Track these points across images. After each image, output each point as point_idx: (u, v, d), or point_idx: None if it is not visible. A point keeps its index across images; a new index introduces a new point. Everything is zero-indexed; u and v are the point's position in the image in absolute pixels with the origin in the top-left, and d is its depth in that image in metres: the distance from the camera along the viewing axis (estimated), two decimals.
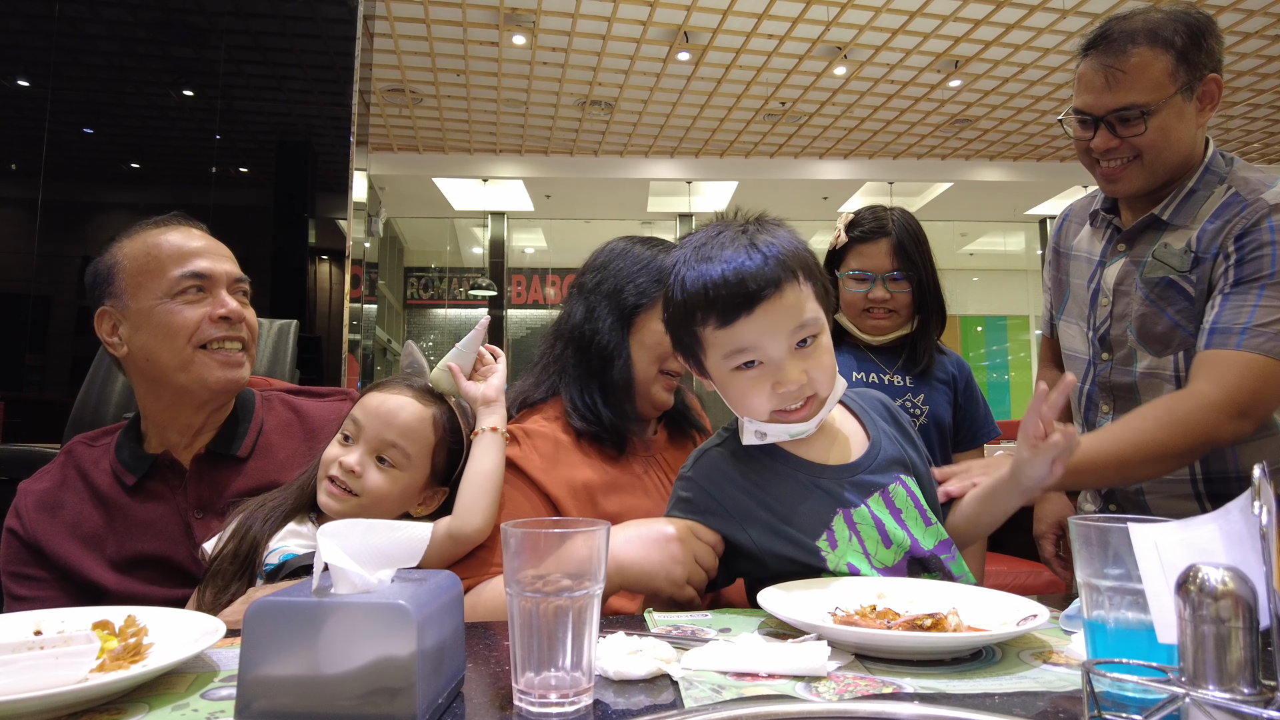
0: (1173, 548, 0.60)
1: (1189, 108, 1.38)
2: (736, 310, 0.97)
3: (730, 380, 1.01)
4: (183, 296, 1.25)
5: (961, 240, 12.19)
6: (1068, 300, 1.65)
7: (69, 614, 0.86)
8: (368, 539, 0.68)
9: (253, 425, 1.34)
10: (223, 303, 1.26)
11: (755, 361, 0.99)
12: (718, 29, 6.49)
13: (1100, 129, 1.40)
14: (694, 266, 1.01)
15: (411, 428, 1.15)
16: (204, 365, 1.24)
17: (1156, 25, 1.35)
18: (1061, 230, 1.70)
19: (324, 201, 4.27)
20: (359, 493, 1.12)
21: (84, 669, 0.69)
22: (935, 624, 0.82)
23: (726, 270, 0.98)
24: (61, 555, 1.21)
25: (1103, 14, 6.19)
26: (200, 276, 1.26)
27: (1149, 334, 1.45)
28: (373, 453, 1.14)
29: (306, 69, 4.31)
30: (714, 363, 1.02)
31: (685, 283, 1.01)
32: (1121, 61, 1.35)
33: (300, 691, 0.61)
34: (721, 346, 1.00)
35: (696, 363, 1.06)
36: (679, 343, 1.07)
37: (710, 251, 1.00)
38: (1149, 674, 0.57)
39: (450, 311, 12.45)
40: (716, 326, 0.99)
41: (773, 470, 1.06)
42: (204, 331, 1.24)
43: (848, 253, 1.77)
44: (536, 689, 0.66)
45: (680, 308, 1.02)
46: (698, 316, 1.00)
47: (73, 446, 1.32)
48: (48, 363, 3.95)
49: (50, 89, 3.95)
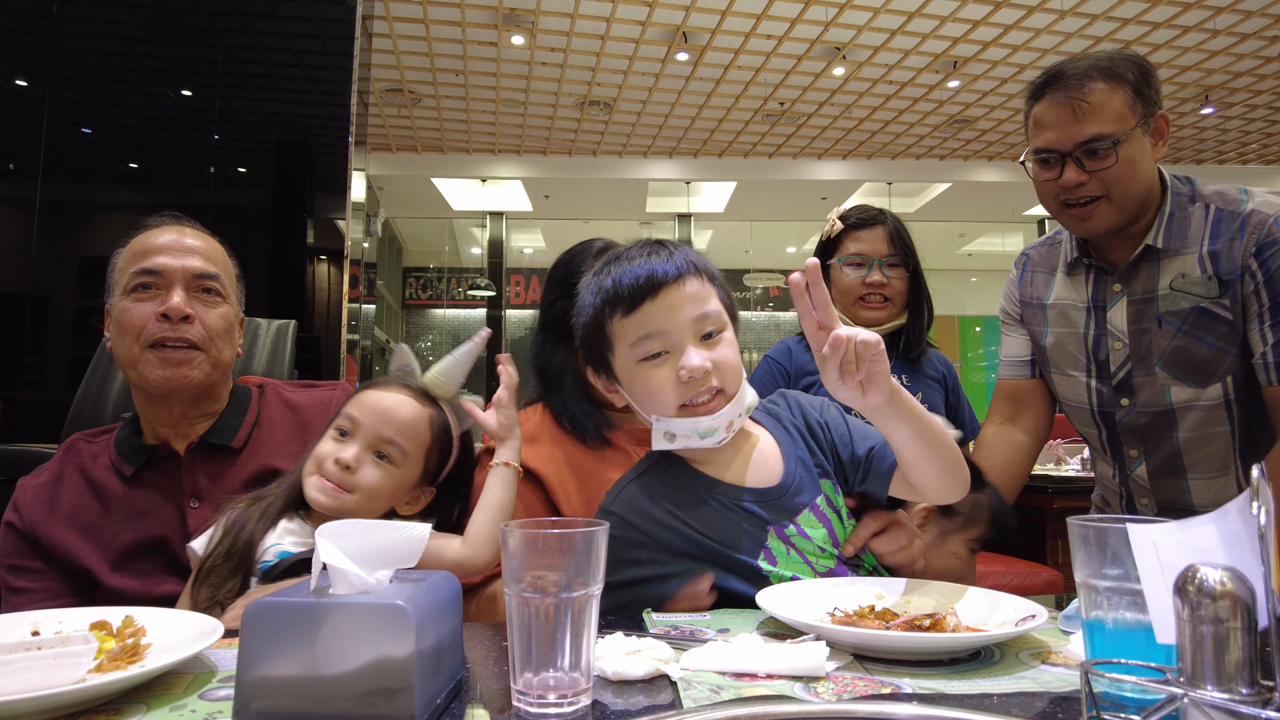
0: (1171, 548, 0.60)
1: (1146, 142, 1.41)
2: (642, 296, 0.99)
3: (637, 375, 1.01)
4: (135, 294, 1.25)
5: (960, 241, 12.20)
6: (1051, 353, 1.61)
7: (66, 614, 0.86)
8: (366, 539, 0.68)
9: (248, 418, 1.34)
10: (168, 300, 1.24)
11: (661, 353, 1.00)
12: (716, 29, 6.49)
13: (1068, 165, 1.40)
14: (605, 273, 1.04)
15: (409, 425, 1.16)
16: (147, 364, 1.23)
17: (1109, 63, 1.39)
18: (1024, 281, 1.66)
19: (322, 201, 4.27)
20: (353, 489, 1.12)
21: (81, 670, 0.69)
22: (934, 624, 0.82)
23: (635, 266, 1.01)
24: (59, 544, 1.22)
25: (1101, 14, 6.21)
26: (151, 273, 1.24)
27: (1188, 366, 1.43)
28: (370, 449, 1.14)
29: (305, 69, 4.30)
30: (622, 359, 1.03)
31: (596, 287, 1.05)
32: (1085, 94, 1.37)
33: (298, 692, 0.61)
34: (628, 335, 1.01)
35: (606, 369, 1.06)
36: (591, 354, 1.08)
37: (619, 260, 1.04)
38: (1147, 674, 0.57)
39: (449, 312, 12.44)
40: (624, 314, 1.01)
41: (695, 495, 1.04)
42: (149, 330, 1.23)
43: (843, 239, 1.78)
44: (535, 689, 0.66)
45: (591, 311, 1.05)
46: (606, 311, 1.02)
47: (74, 441, 1.33)
48: (46, 363, 3.94)
49: (48, 89, 3.94)
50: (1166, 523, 0.62)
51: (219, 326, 1.29)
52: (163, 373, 1.24)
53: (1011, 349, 1.70)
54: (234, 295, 1.36)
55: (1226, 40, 6.68)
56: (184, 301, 1.25)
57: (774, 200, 10.39)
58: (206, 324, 1.27)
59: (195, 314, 1.26)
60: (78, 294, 4.01)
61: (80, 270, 4.04)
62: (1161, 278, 1.45)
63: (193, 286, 1.27)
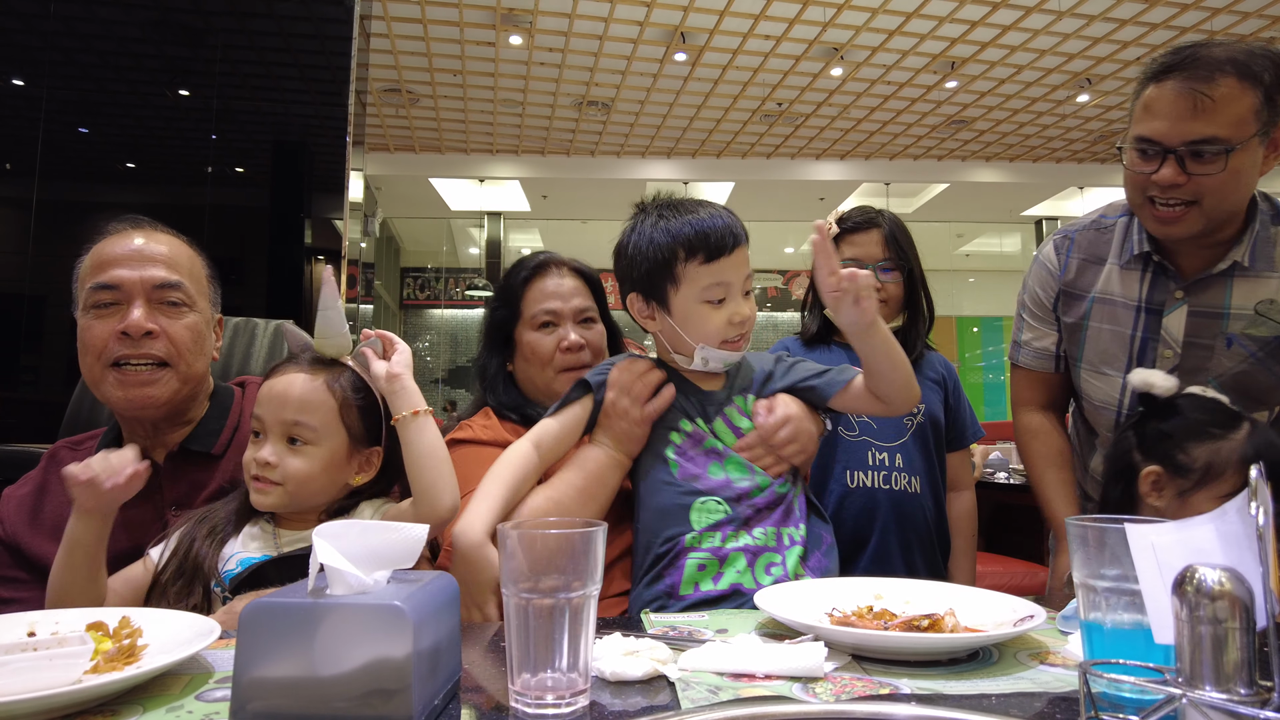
0: (1169, 548, 0.60)
1: (1259, 154, 1.28)
2: (722, 249, 1.16)
3: (696, 311, 1.18)
4: (95, 311, 1.18)
5: (957, 241, 12.22)
6: (1086, 347, 1.52)
7: (63, 615, 0.86)
8: (363, 540, 0.68)
9: (228, 423, 1.32)
10: (127, 316, 1.17)
11: (722, 299, 1.17)
12: (714, 30, 6.49)
13: (1168, 162, 1.27)
14: (674, 219, 1.18)
15: (306, 400, 1.11)
16: (110, 384, 1.18)
17: (1247, 58, 1.23)
18: (1069, 267, 1.53)
19: (320, 201, 4.26)
20: (281, 481, 1.10)
21: (78, 670, 0.68)
22: (932, 625, 0.82)
23: (715, 218, 1.17)
24: (42, 555, 1.19)
25: (1098, 15, 6.22)
26: (108, 289, 1.17)
27: (1246, 390, 1.36)
28: (281, 438, 1.11)
29: (303, 69, 4.30)
30: (685, 296, 1.17)
31: (669, 230, 1.17)
32: (1210, 88, 1.22)
33: (295, 693, 0.61)
34: (700, 280, 1.16)
35: (660, 299, 1.19)
36: (648, 284, 1.20)
37: (683, 212, 1.19)
38: (1146, 674, 0.57)
39: (447, 312, 12.44)
40: (703, 262, 1.16)
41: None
42: (110, 349, 1.17)
43: (839, 243, 1.76)
44: (533, 690, 0.66)
45: (660, 250, 1.17)
46: (681, 255, 1.16)
47: (56, 450, 1.31)
48: (42, 363, 3.93)
49: (45, 88, 3.93)
50: (1165, 523, 0.62)
51: (186, 339, 1.22)
52: (123, 394, 1.18)
53: (1038, 339, 1.59)
54: (204, 299, 1.29)
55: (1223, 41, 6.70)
56: (145, 316, 1.18)
57: (772, 200, 10.39)
58: (173, 337, 1.21)
59: (159, 328, 1.19)
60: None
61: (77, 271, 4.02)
62: (1234, 296, 1.37)
63: (155, 298, 1.20)
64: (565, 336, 1.43)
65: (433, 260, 12.53)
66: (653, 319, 1.22)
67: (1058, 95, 7.79)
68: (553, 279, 1.47)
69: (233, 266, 4.15)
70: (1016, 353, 1.65)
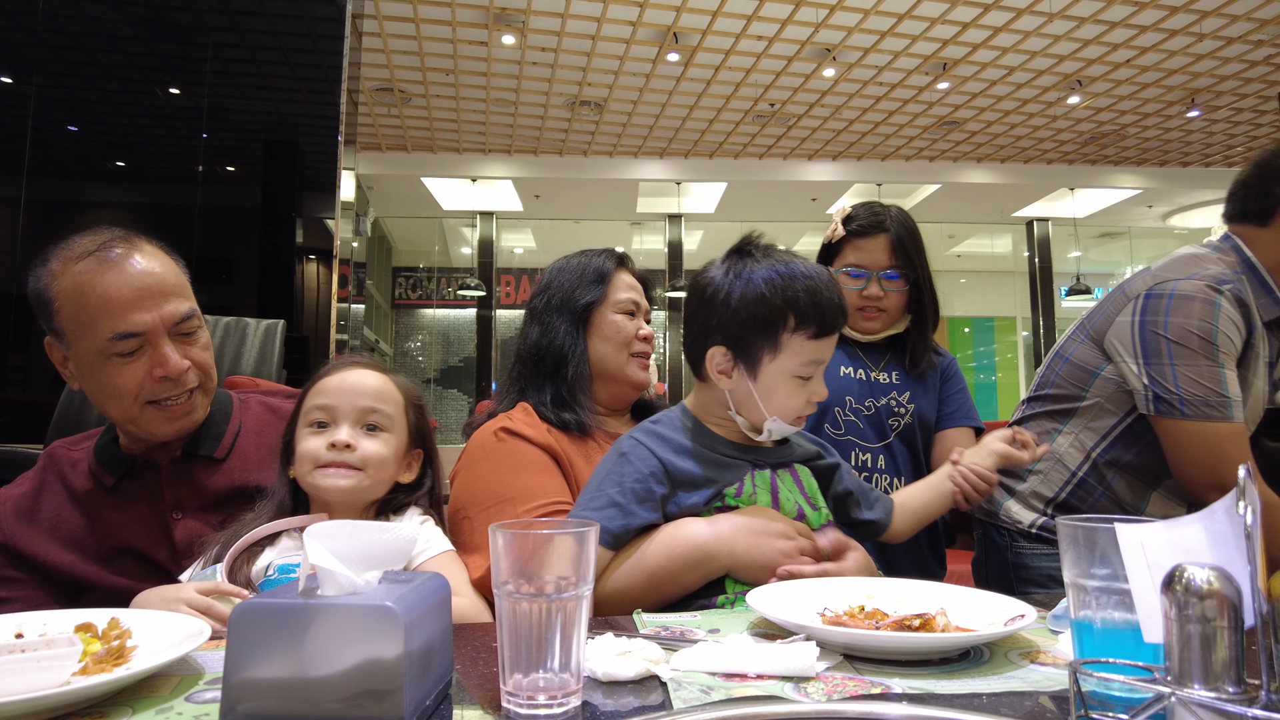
0: (1159, 548, 0.60)
1: None
2: (833, 326, 1.12)
3: (785, 385, 1.12)
4: (118, 358, 1.16)
5: (949, 242, 12.25)
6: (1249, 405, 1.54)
7: (51, 616, 0.85)
8: (355, 540, 0.68)
9: (230, 427, 1.32)
10: (163, 360, 1.18)
11: (810, 376, 1.13)
12: (707, 30, 6.49)
13: None
14: (786, 278, 1.11)
15: (382, 391, 1.18)
16: (151, 420, 1.20)
17: None
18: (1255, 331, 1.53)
19: (312, 201, 4.25)
20: (361, 465, 1.12)
21: (66, 672, 0.68)
22: (923, 624, 0.82)
23: (829, 289, 1.13)
24: (38, 555, 1.19)
25: (1089, 17, 6.25)
26: (133, 336, 1.16)
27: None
28: (358, 425, 1.15)
29: (294, 67, 4.28)
30: (780, 365, 1.12)
31: (781, 290, 1.10)
32: None
33: (286, 694, 0.61)
34: (803, 354, 1.11)
35: (750, 362, 1.13)
36: (741, 342, 1.13)
37: (795, 272, 1.12)
38: (1135, 673, 0.57)
39: (439, 311, 12.41)
40: (810, 337, 1.11)
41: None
42: (147, 390, 1.18)
43: (844, 247, 1.72)
44: (525, 690, 0.66)
45: (768, 309, 1.10)
46: (791, 322, 1.10)
47: (53, 450, 1.31)
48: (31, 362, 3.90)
49: (34, 86, 3.91)
50: (1154, 523, 0.63)
51: (209, 360, 1.27)
52: (169, 427, 1.22)
53: (1239, 390, 1.50)
54: (195, 302, 1.29)
55: (1212, 44, 6.74)
56: (178, 354, 1.20)
57: (764, 201, 10.40)
58: (200, 364, 1.24)
59: (191, 361, 1.22)
60: None
61: None
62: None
63: (174, 333, 1.21)
64: (642, 327, 1.47)
65: (425, 260, 12.50)
66: (729, 377, 1.15)
67: (1049, 97, 7.82)
68: (629, 273, 1.51)
69: (223, 266, 4.13)
70: (1230, 409, 1.46)
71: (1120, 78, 7.38)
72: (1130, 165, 9.98)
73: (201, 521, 1.22)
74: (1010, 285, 12.46)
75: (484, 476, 1.27)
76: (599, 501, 1.11)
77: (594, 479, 1.15)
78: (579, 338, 1.42)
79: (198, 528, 1.21)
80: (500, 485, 1.25)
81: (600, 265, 1.47)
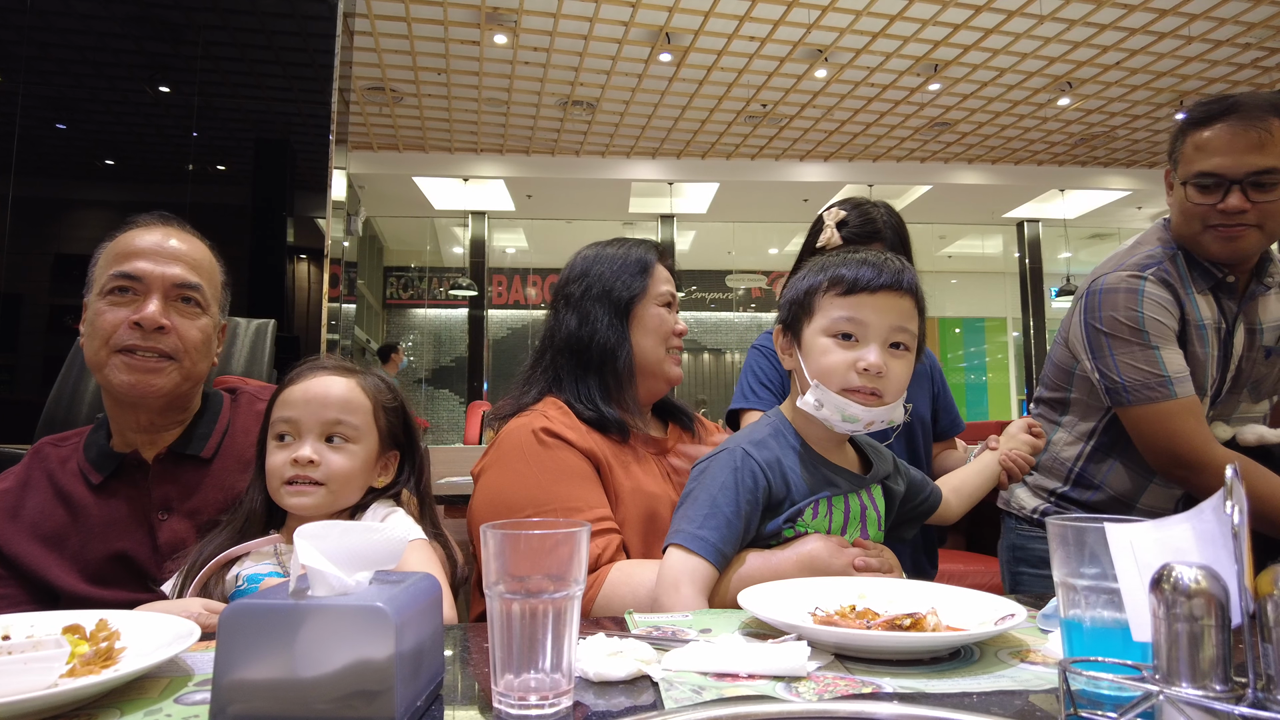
0: (1147, 547, 0.61)
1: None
2: (861, 284, 1.10)
3: (818, 344, 1.12)
4: (111, 296, 1.20)
5: (940, 243, 12.30)
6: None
7: (39, 618, 0.85)
8: (345, 541, 0.68)
9: (218, 427, 1.31)
10: (143, 309, 1.19)
11: (851, 336, 1.10)
12: (699, 31, 6.50)
13: (1232, 191, 1.45)
14: (845, 257, 1.14)
15: (347, 400, 1.13)
16: (114, 368, 1.19)
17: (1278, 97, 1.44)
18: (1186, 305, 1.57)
19: (303, 200, 4.23)
20: (324, 480, 1.09)
21: (54, 674, 0.67)
22: (914, 624, 0.82)
23: (869, 258, 1.12)
24: (20, 556, 1.18)
25: (1079, 20, 6.28)
26: (129, 278, 1.20)
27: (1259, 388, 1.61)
28: (321, 438, 1.11)
29: (286, 66, 4.26)
30: (814, 327, 1.13)
31: (821, 267, 1.14)
32: (1267, 126, 1.44)
33: (276, 695, 0.60)
34: (831, 311, 1.11)
35: (795, 332, 1.16)
36: (791, 316, 1.18)
37: (864, 254, 1.14)
38: (1124, 672, 0.58)
39: (430, 311, 12.38)
40: (839, 294, 1.11)
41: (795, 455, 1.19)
42: (119, 336, 1.19)
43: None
44: (516, 691, 0.66)
45: (808, 283, 1.15)
46: (824, 285, 1.12)
47: (41, 447, 1.30)
48: (19, 362, 3.88)
49: (22, 83, 3.88)
50: (1143, 522, 0.63)
51: (196, 339, 1.24)
52: (128, 378, 1.19)
53: (1182, 366, 1.54)
54: (216, 304, 1.30)
55: (1201, 47, 6.78)
56: (160, 311, 1.20)
57: (756, 201, 10.42)
58: (183, 336, 1.23)
59: (171, 325, 1.21)
60: (51, 292, 3.95)
61: (54, 268, 3.98)
62: (1264, 311, 1.58)
63: (172, 295, 1.22)
64: (679, 321, 1.46)
65: (416, 260, 12.47)
66: (789, 355, 1.18)
67: (1039, 98, 7.86)
68: (665, 266, 1.48)
69: None
70: (1172, 387, 1.50)
71: (1110, 80, 7.42)
72: (1120, 167, 10.04)
73: (188, 522, 1.21)
74: (1001, 286, 12.52)
75: (524, 480, 1.24)
76: (715, 521, 1.09)
77: (705, 489, 1.12)
78: (624, 330, 1.38)
79: (184, 528, 1.20)
80: (541, 492, 1.22)
81: (642, 256, 1.43)
